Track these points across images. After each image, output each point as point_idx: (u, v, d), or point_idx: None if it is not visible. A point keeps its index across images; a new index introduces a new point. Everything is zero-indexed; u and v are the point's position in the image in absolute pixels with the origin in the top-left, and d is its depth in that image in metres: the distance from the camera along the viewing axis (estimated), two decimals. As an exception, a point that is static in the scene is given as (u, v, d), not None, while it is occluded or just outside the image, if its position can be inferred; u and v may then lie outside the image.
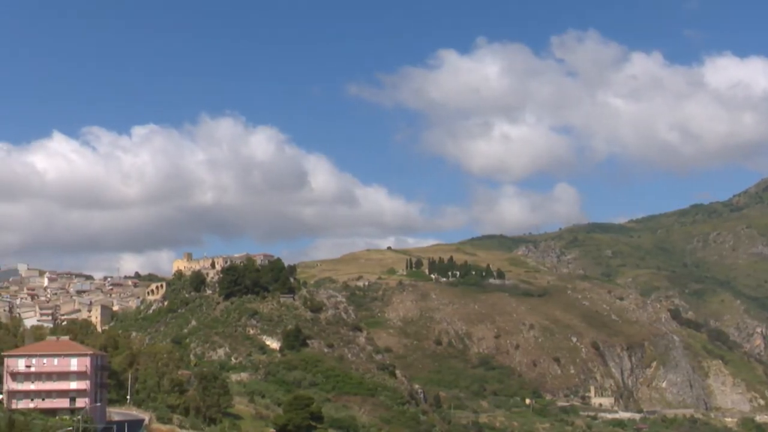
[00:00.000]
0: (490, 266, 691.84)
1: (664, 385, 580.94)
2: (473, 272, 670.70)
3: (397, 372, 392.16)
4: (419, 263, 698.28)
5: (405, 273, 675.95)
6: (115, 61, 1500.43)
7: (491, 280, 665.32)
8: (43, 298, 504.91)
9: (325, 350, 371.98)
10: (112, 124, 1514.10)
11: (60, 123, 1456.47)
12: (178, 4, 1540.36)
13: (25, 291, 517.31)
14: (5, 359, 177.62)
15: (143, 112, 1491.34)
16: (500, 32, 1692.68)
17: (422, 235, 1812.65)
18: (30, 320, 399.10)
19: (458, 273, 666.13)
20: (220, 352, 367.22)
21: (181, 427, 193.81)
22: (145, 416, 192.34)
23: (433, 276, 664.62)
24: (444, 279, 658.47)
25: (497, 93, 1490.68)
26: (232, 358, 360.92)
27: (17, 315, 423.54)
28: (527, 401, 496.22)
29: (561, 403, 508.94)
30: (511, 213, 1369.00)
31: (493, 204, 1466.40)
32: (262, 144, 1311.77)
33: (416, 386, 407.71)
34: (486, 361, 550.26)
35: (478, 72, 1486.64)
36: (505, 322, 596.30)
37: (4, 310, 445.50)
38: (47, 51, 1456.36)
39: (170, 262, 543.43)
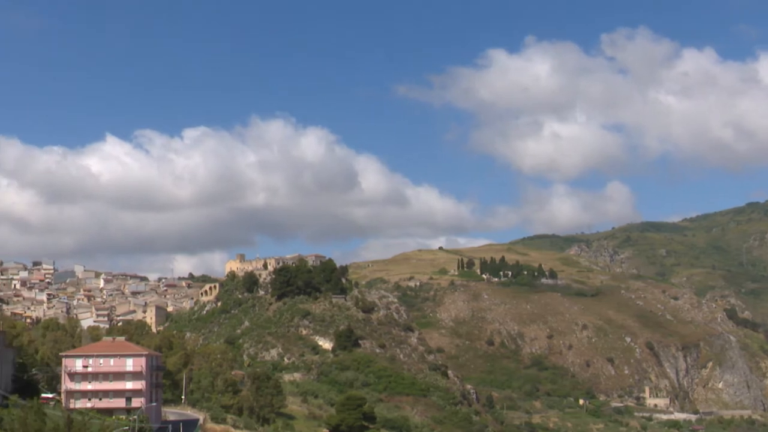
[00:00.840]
0: (542, 266, 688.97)
1: (720, 385, 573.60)
2: (525, 272, 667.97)
3: (449, 372, 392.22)
4: (471, 263, 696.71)
5: (456, 273, 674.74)
6: (165, 65, 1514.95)
7: (543, 280, 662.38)
8: (99, 299, 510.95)
9: (377, 350, 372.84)
10: (164, 126, 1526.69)
11: (113, 126, 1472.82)
12: (228, 7, 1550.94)
13: (82, 292, 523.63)
14: (63, 359, 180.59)
15: (194, 115, 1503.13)
16: (549, 31, 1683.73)
17: (473, 234, 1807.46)
18: (87, 321, 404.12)
19: (510, 273, 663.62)
20: (273, 352, 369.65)
21: (235, 426, 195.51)
22: (200, 416, 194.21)
23: (484, 276, 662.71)
24: (496, 279, 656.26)
25: (547, 91, 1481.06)
26: (285, 359, 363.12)
27: (74, 316, 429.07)
28: (581, 402, 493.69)
29: (615, 404, 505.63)
30: (563, 212, 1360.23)
31: (544, 203, 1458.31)
32: (312, 145, 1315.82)
33: (468, 386, 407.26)
34: (539, 361, 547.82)
35: (527, 71, 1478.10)
36: (557, 322, 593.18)
37: (62, 311, 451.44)
38: (99, 56, 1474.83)
39: (223, 263, 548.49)
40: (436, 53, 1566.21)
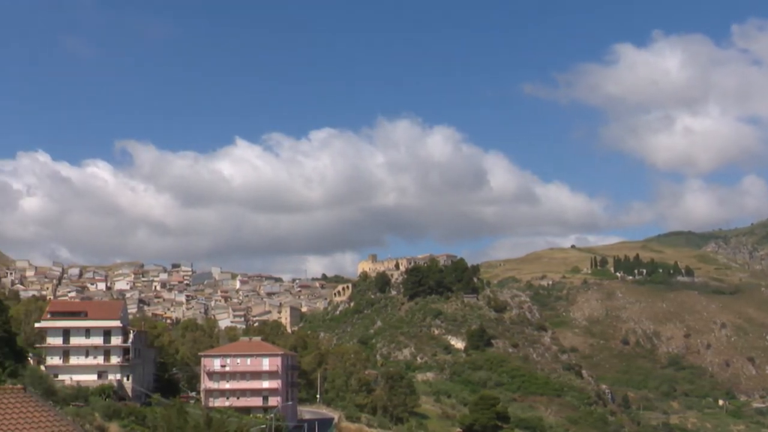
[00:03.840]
0: (678, 264, 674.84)
1: None
2: (660, 270, 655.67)
3: (584, 372, 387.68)
4: (604, 261, 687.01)
5: (589, 271, 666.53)
6: (289, 67, 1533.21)
7: (679, 278, 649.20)
8: (235, 300, 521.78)
9: (510, 350, 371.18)
10: (290, 129, 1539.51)
11: (242, 130, 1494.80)
12: (354, 9, 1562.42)
13: (219, 293, 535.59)
14: (202, 359, 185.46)
15: (319, 117, 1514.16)
16: (677, 24, 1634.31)
17: (605, 232, 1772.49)
18: (224, 321, 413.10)
19: (645, 271, 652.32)
20: (406, 352, 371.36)
21: (369, 425, 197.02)
22: (335, 415, 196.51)
23: (618, 274, 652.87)
24: (630, 277, 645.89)
25: (677, 85, 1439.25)
26: (418, 358, 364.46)
27: (212, 317, 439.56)
28: (720, 402, 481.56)
29: (757, 405, 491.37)
30: (698, 208, 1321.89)
31: (678, 199, 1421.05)
32: (439, 144, 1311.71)
33: (603, 386, 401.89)
34: (675, 360, 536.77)
35: (656, 65, 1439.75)
36: (695, 321, 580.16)
37: (200, 312, 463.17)
38: (224, 61, 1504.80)
39: (354, 264, 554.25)
40: (561, 51, 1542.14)
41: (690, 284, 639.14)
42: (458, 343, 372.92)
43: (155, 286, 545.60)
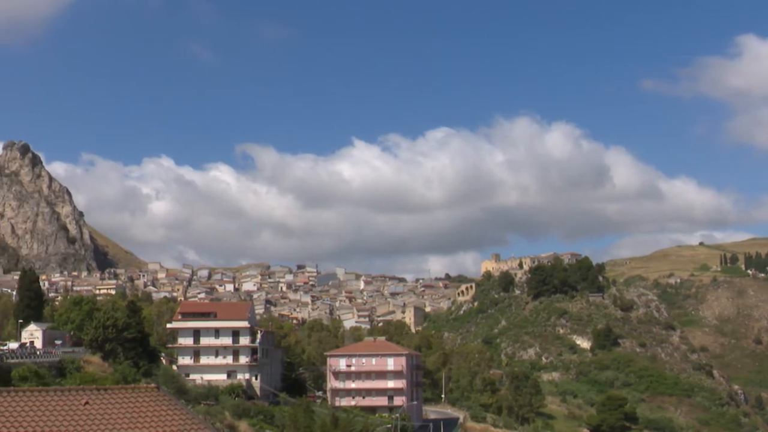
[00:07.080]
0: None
1: None
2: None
3: (715, 372, 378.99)
4: (734, 259, 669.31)
5: (719, 269, 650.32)
6: (404, 69, 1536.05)
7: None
8: (360, 301, 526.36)
9: (638, 350, 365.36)
10: (406, 129, 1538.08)
11: (358, 131, 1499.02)
12: (466, 8, 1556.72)
13: (344, 294, 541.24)
14: (328, 359, 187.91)
15: (435, 117, 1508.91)
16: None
17: (734, 228, 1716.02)
18: (348, 322, 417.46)
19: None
20: (531, 351, 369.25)
21: (494, 425, 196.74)
22: (460, 415, 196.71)
23: (750, 272, 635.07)
24: (762, 275, 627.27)
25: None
26: (543, 358, 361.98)
27: (337, 317, 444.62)
28: None
29: None
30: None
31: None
32: (559, 141, 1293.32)
33: (736, 387, 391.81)
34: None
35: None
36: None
37: (326, 312, 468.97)
38: (339, 64, 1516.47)
39: (475, 263, 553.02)
40: (682, 45, 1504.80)
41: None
42: (584, 343, 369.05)
43: (281, 287, 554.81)
